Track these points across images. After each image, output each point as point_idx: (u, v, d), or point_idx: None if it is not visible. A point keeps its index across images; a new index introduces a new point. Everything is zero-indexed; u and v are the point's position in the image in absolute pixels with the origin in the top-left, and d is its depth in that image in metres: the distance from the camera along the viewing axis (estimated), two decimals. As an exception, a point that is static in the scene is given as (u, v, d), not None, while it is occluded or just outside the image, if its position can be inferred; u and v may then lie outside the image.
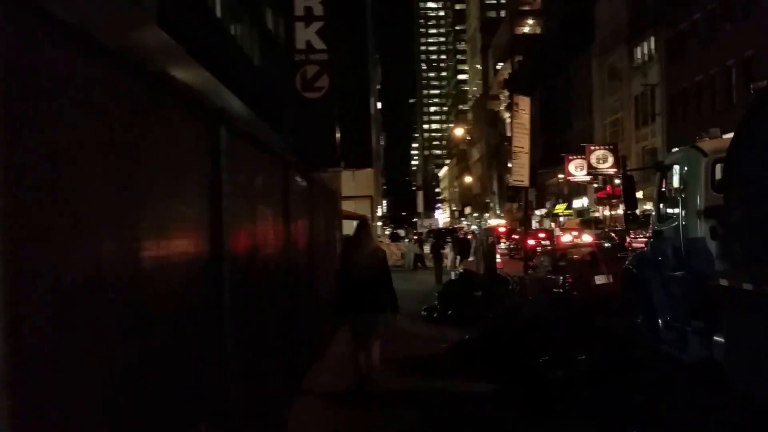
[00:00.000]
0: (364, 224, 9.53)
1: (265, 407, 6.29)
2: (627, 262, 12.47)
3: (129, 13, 3.40)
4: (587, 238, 33.78)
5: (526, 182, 14.99)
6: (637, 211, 12.20)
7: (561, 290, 16.92)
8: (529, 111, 15.40)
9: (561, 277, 17.17)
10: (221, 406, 4.60)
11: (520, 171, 14.96)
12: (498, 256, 22.26)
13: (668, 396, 7.77)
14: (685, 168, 9.64)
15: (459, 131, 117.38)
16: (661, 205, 10.89)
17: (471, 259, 25.39)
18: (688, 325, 9.04)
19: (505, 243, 44.21)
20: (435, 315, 16.90)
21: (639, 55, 50.78)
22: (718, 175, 8.93)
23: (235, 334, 4.87)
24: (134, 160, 3.24)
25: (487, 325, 13.13)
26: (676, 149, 12.44)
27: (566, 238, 37.33)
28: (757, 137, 6.83)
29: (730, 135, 7.71)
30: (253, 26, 24.24)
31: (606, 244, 22.10)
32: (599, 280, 16.91)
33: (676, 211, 9.75)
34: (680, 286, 9.40)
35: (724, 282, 7.30)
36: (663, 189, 10.86)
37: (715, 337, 8.09)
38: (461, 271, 19.48)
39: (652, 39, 48.39)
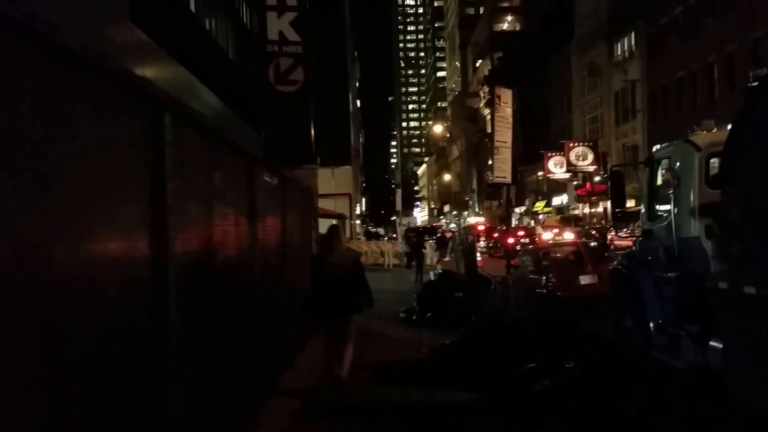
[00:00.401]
0: (335, 228, 9.56)
1: (225, 428, 5.69)
2: (615, 263, 11.94)
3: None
4: (569, 235, 33.37)
5: (508, 178, 14.46)
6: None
7: (545, 291, 16.41)
8: (511, 104, 14.86)
9: (544, 277, 16.66)
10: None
11: (502, 167, 14.42)
12: (478, 255, 21.73)
13: (660, 406, 7.26)
14: (678, 163, 9.11)
15: (438, 128, 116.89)
16: (652, 203, 10.37)
17: (447, 258, 24.76)
18: (681, 329, 8.52)
19: (484, 241, 43.75)
20: (414, 317, 16.36)
21: (619, 51, 50.44)
22: (713, 171, 8.41)
23: (184, 349, 4.28)
24: (44, 152, 2.69)
25: (468, 330, 12.57)
26: (667, 143, 11.95)
27: (547, 235, 36.92)
28: (758, 127, 6.31)
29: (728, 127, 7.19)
30: (228, 18, 23.56)
31: (592, 243, 21.62)
32: (584, 280, 16.45)
33: (668, 208, 9.23)
34: (673, 287, 8.87)
35: (722, 284, 6.78)
36: (653, 185, 10.35)
37: (711, 342, 7.58)
38: (440, 271, 18.88)
39: (633, 34, 48.07)
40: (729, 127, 7.02)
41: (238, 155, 6.74)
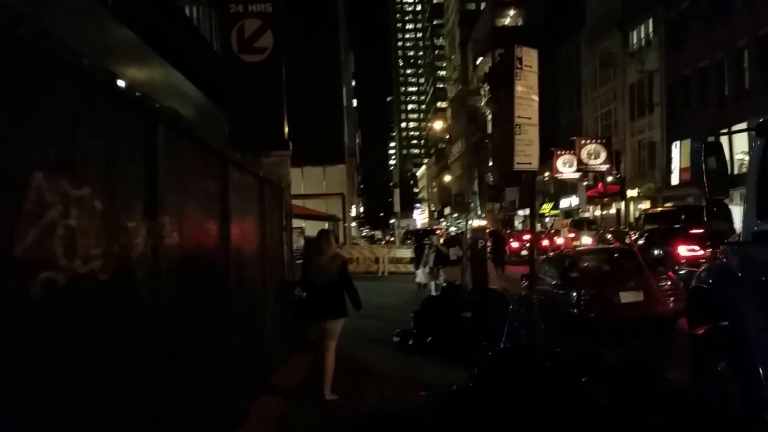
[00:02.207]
0: (324, 232, 9.93)
1: None
2: (694, 280, 8.15)
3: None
4: (586, 240, 29.74)
5: (534, 164, 10.84)
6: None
7: (575, 310, 12.70)
8: (537, 69, 11.14)
9: (575, 293, 12.93)
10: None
11: (526, 150, 10.78)
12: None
13: None
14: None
15: (438, 125, 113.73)
16: (766, 191, 6.64)
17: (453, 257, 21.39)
18: None
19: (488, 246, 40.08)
20: (410, 342, 12.95)
21: (635, 40, 46.58)
22: None
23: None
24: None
25: (484, 368, 8.96)
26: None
27: (560, 241, 33.30)
28: None
29: None
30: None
31: (656, 252, 17.71)
32: (626, 297, 12.75)
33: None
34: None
35: None
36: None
37: None
38: (444, 284, 15.07)
39: (650, 21, 44.25)
40: None
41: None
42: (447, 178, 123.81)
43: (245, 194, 8.48)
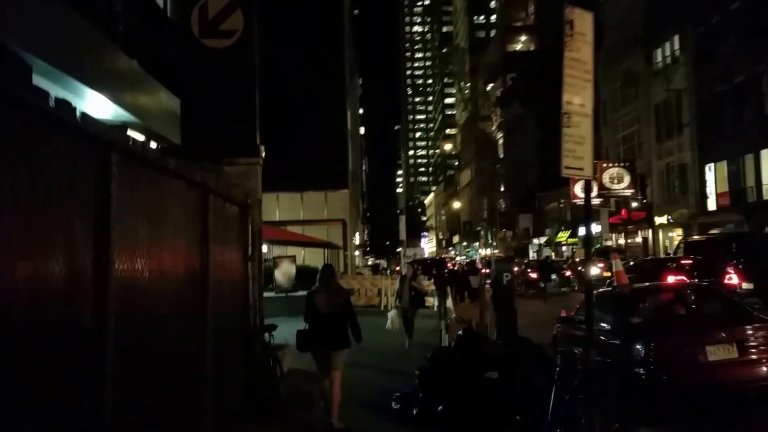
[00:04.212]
0: (328, 267, 10.03)
1: None
2: None
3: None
4: (595, 271, 26.37)
5: (587, 171, 7.61)
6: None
7: (641, 370, 9.22)
8: (592, 38, 7.81)
9: (641, 347, 9.42)
10: None
11: (577, 150, 7.63)
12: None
13: None
14: None
15: (448, 146, 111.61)
16: None
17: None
18: None
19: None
20: (414, 411, 9.65)
21: (659, 58, 43.40)
22: None
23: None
24: None
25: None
26: None
27: (594, 271, 29.94)
28: None
29: None
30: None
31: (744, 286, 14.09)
32: (715, 353, 9.28)
33: None
34: None
35: None
36: None
37: None
38: (460, 333, 11.45)
39: (676, 38, 41.09)
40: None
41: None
42: (456, 204, 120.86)
43: (167, 209, 5.35)
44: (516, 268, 36.08)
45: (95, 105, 10.94)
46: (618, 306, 10.92)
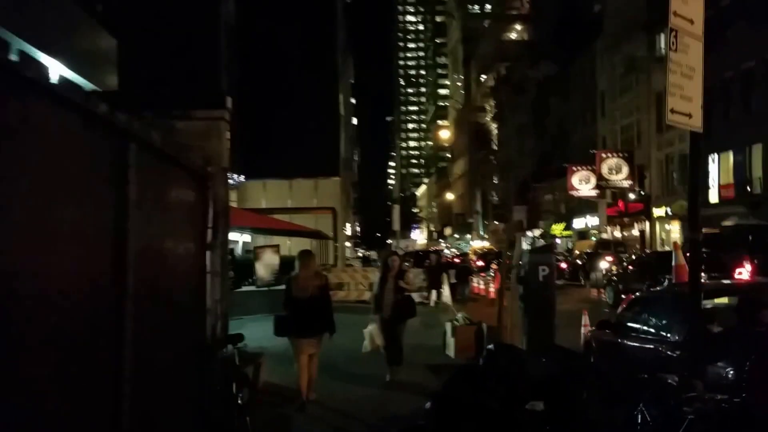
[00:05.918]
0: (305, 252, 10.17)
1: None
2: None
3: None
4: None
5: (697, 121, 5.95)
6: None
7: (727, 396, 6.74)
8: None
9: (727, 366, 7.09)
10: None
11: (685, 86, 5.76)
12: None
13: None
14: None
15: (445, 133, 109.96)
16: None
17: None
18: None
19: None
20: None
21: (663, 44, 41.83)
22: None
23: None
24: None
25: None
26: None
27: (603, 265, 28.47)
28: None
29: None
30: None
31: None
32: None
33: None
34: None
35: None
36: None
37: None
38: (490, 347, 7.69)
39: (681, 23, 39.57)
40: None
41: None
42: (449, 196, 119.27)
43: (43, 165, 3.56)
44: (564, 264, 32.00)
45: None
46: (676, 309, 8.85)
